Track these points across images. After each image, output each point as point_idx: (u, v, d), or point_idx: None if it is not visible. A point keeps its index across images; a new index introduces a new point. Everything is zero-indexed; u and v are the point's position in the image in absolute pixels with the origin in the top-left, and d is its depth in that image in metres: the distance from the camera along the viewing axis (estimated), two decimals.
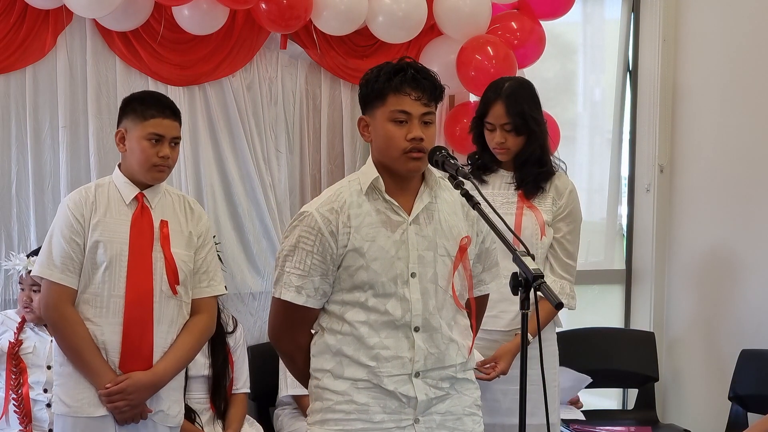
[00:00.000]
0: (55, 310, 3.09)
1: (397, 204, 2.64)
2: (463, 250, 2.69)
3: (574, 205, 3.40)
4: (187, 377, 3.97)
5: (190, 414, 3.96)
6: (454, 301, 2.70)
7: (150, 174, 3.14)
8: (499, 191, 3.36)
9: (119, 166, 3.21)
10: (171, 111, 3.17)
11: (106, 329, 3.09)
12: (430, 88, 2.60)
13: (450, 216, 2.71)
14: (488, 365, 3.30)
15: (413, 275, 2.63)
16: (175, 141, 3.17)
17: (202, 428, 3.97)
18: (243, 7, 4.11)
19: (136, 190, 3.16)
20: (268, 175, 4.39)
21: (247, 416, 4.12)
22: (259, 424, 4.16)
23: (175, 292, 3.15)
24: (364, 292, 2.62)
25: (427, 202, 2.67)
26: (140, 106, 3.14)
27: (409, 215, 2.65)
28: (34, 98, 4.11)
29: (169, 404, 3.22)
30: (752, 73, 4.65)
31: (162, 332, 3.14)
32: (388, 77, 2.59)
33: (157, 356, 3.14)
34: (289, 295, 2.64)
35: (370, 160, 2.69)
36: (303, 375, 2.76)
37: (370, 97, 2.63)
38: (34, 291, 3.73)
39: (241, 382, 4.10)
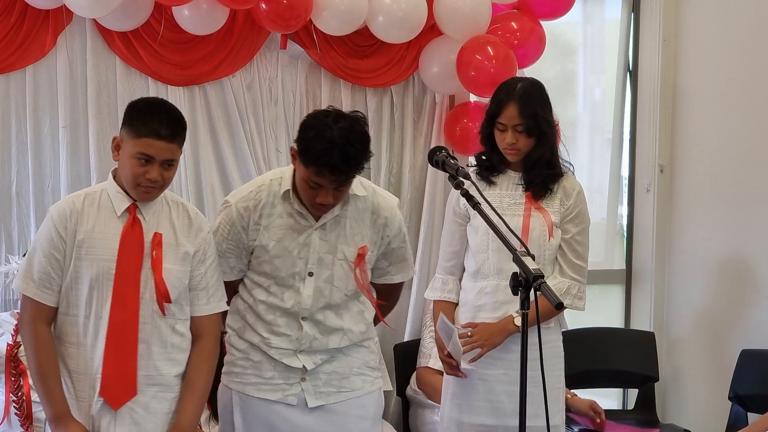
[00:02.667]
0: (27, 326, 2.87)
1: (305, 212, 2.96)
2: (360, 258, 3.01)
3: (583, 206, 3.39)
4: None
5: None
6: (350, 296, 3.03)
7: (136, 192, 2.85)
8: (507, 192, 3.36)
9: (113, 173, 2.92)
10: (170, 132, 2.80)
11: (93, 353, 2.84)
12: (347, 173, 2.84)
13: (356, 224, 3.01)
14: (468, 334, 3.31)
15: (310, 274, 2.98)
16: (169, 163, 2.82)
17: (201, 427, 3.96)
18: (243, 7, 4.11)
19: (128, 201, 2.87)
20: None
21: None
22: None
23: (164, 312, 2.87)
24: (267, 279, 2.99)
25: (336, 213, 2.98)
26: (138, 120, 2.81)
27: (316, 221, 2.96)
28: (34, 98, 4.11)
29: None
30: (752, 73, 4.65)
31: (154, 354, 2.88)
32: (316, 158, 2.79)
33: (143, 380, 2.86)
34: None
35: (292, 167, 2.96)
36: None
37: (301, 154, 2.84)
38: None
39: None
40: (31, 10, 4.00)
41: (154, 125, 2.78)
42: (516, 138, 3.29)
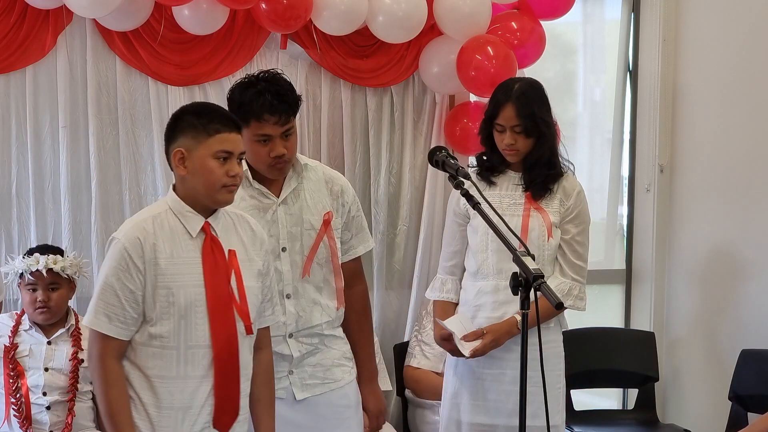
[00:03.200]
0: (98, 362, 2.67)
1: (266, 189, 3.02)
2: (327, 224, 3.08)
3: (583, 206, 3.39)
4: None
5: None
6: (323, 266, 3.08)
7: (219, 196, 2.69)
8: (507, 192, 3.36)
9: (173, 190, 2.74)
10: (234, 123, 2.73)
11: (187, 385, 2.67)
12: (286, 111, 2.92)
13: (315, 194, 3.09)
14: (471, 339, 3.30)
15: (284, 249, 3.03)
16: (241, 156, 2.74)
17: None
18: (243, 7, 4.11)
19: (202, 220, 2.71)
20: None
21: None
22: None
23: (251, 330, 2.76)
24: None
25: (294, 186, 3.06)
26: (199, 121, 2.69)
27: (278, 198, 3.02)
28: (34, 98, 4.11)
29: None
30: (752, 72, 4.65)
31: (245, 376, 2.78)
32: (250, 103, 2.89)
33: (242, 404, 2.78)
34: None
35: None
36: None
37: (239, 117, 2.84)
38: (52, 289, 3.75)
39: None
40: (31, 10, 4.00)
41: (221, 120, 2.71)
42: (514, 139, 3.29)
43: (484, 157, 3.42)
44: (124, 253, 2.64)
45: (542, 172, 3.32)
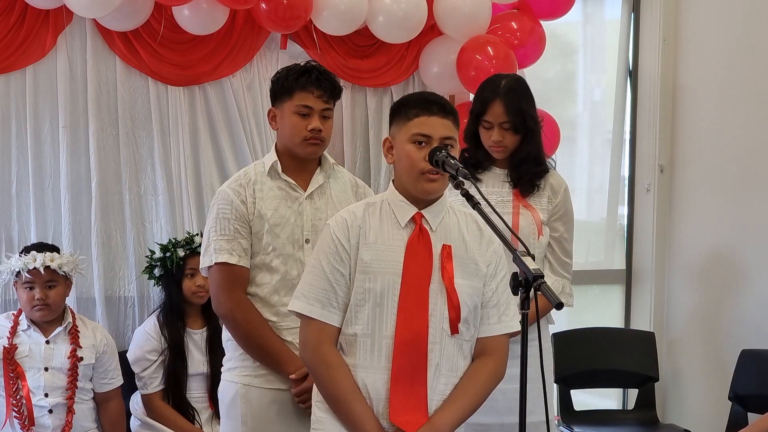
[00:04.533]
0: (313, 351, 2.62)
1: (294, 182, 3.09)
2: None
3: (569, 203, 3.41)
4: (186, 376, 3.98)
5: (189, 411, 3.97)
6: None
7: (419, 183, 2.61)
8: (494, 189, 3.36)
9: (393, 181, 2.70)
10: (438, 106, 2.64)
11: (374, 375, 2.59)
12: (330, 88, 3.07)
13: (341, 194, 3.17)
14: None
15: (307, 241, 3.08)
16: (447, 143, 2.62)
17: (201, 427, 3.97)
18: (243, 7, 4.11)
19: (413, 210, 2.64)
20: None
21: None
22: None
23: (456, 330, 2.61)
24: (268, 254, 3.05)
25: (321, 182, 3.13)
26: (402, 107, 2.66)
27: (305, 192, 3.10)
28: (34, 98, 4.11)
29: None
30: (752, 73, 4.65)
31: (442, 377, 2.62)
32: (296, 77, 3.05)
33: (434, 405, 2.61)
34: (223, 257, 3.02)
35: (273, 146, 3.15)
36: (245, 334, 3.06)
37: (280, 93, 3.07)
38: (49, 287, 3.75)
39: None
40: (31, 10, 4.00)
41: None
42: (502, 135, 3.30)
43: (467, 155, 3.42)
44: (332, 234, 2.63)
45: (530, 168, 3.33)
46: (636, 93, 5.19)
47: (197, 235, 4.10)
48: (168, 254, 4.05)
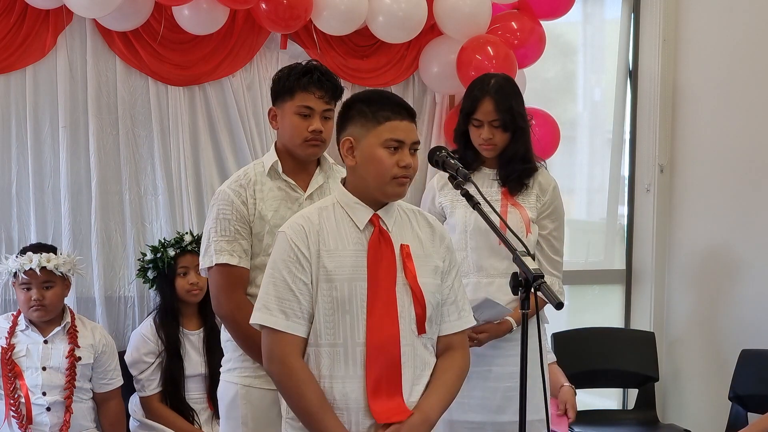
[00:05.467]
0: (281, 365, 2.53)
1: (293, 183, 3.06)
2: None
3: (558, 201, 3.42)
4: (184, 377, 3.98)
5: (188, 413, 3.97)
6: None
7: (389, 188, 2.58)
8: (483, 189, 3.34)
9: (343, 182, 2.67)
10: (407, 111, 2.64)
11: (351, 384, 2.53)
12: (331, 89, 3.03)
13: None
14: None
15: None
16: (415, 147, 2.64)
17: (200, 427, 3.97)
18: (243, 7, 4.11)
19: (370, 212, 2.59)
20: None
21: None
22: None
23: (423, 330, 2.58)
24: (268, 255, 2.81)
25: (321, 183, 3.10)
26: (369, 108, 2.60)
27: (305, 192, 3.07)
28: (34, 98, 4.11)
29: None
30: (752, 73, 4.65)
31: (416, 378, 2.59)
32: (298, 77, 3.01)
33: (412, 404, 2.58)
34: (223, 258, 2.97)
35: (273, 146, 3.11)
36: (245, 336, 2.94)
37: (281, 92, 3.03)
38: (47, 287, 3.74)
39: None
40: (31, 10, 4.00)
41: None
42: (492, 133, 3.31)
43: (457, 155, 3.42)
44: (289, 242, 2.55)
45: (518, 167, 3.35)
46: (636, 93, 5.19)
47: (187, 233, 4.10)
48: (159, 255, 4.05)
